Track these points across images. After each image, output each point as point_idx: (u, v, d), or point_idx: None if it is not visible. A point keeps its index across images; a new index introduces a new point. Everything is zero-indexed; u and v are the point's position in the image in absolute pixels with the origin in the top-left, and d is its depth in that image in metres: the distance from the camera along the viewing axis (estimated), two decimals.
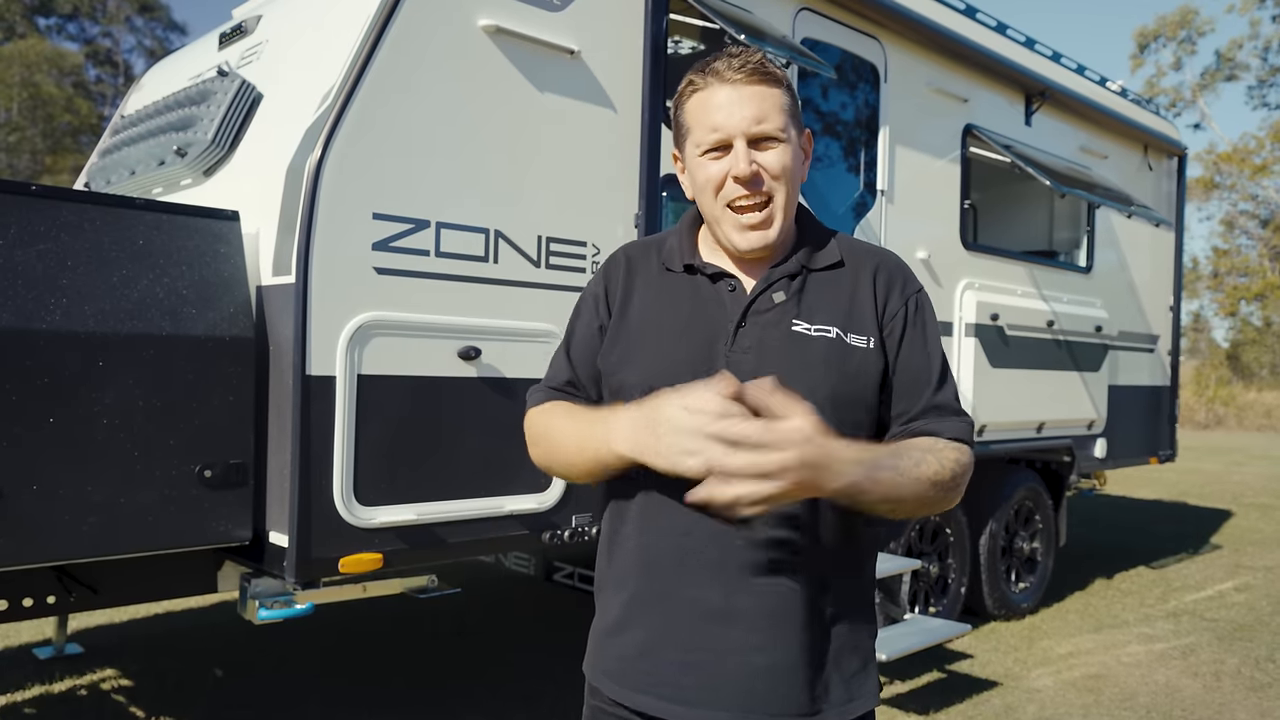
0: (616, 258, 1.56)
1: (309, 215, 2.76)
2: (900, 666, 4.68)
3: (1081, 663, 4.93)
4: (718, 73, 1.40)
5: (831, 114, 4.57)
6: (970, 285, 5.13)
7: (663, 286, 1.49)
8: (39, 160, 26.75)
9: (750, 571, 1.36)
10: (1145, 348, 6.92)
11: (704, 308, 1.45)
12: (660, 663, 1.40)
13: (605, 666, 1.47)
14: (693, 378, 1.33)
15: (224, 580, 3.15)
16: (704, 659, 1.37)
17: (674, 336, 1.43)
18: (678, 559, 1.39)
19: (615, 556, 1.48)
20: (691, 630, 1.38)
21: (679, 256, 1.50)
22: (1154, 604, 6.24)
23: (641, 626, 1.42)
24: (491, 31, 3.16)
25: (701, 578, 1.37)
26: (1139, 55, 35.51)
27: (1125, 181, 6.60)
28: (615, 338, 1.49)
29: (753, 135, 1.39)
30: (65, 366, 2.49)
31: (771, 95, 1.40)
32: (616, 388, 1.47)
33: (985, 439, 5.20)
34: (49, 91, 26.97)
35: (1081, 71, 6.29)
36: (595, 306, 1.54)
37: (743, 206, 1.41)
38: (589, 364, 1.53)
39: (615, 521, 1.49)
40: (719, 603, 1.37)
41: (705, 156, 1.42)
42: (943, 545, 5.25)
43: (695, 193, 1.46)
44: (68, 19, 32.88)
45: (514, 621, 5.31)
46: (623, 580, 1.45)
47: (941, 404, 1.46)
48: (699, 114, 1.42)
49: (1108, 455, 6.28)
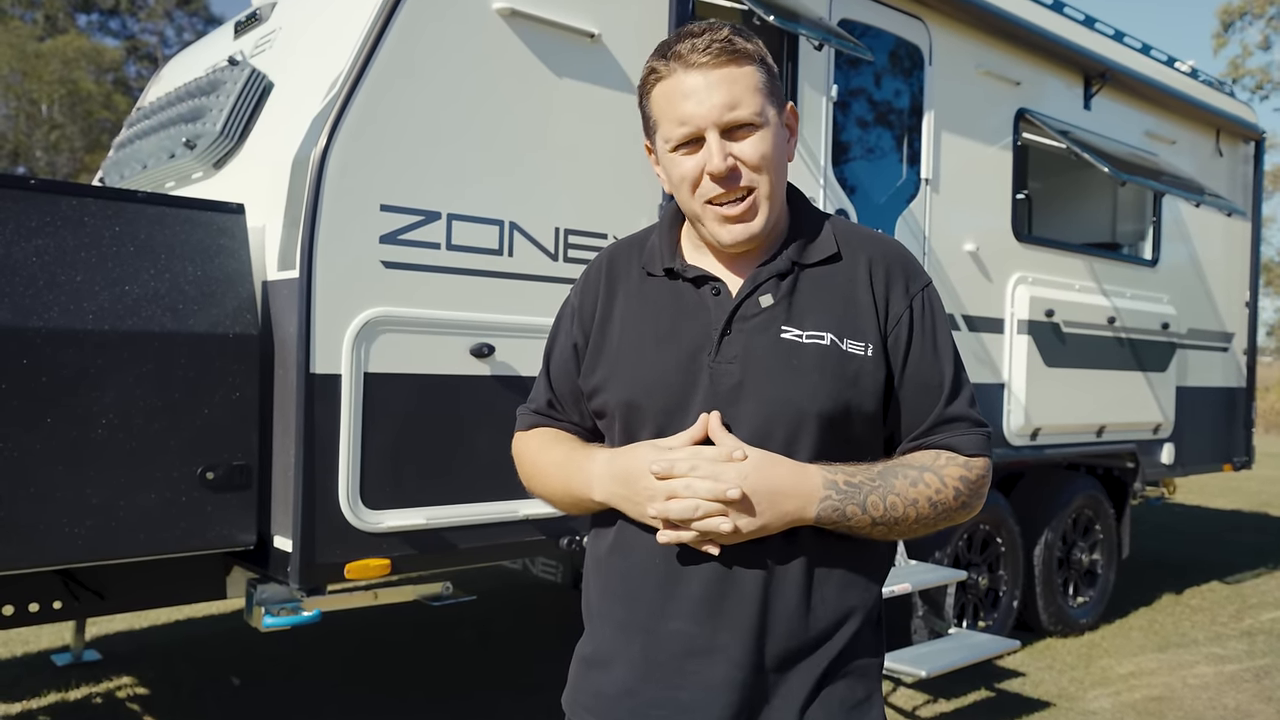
0: (597, 265, 1.52)
1: (313, 208, 2.76)
2: (945, 684, 4.58)
3: (1144, 684, 4.78)
4: (681, 56, 1.32)
5: (872, 99, 4.49)
6: (1023, 280, 5.01)
7: (643, 295, 1.44)
8: (78, 158, 27.48)
9: (734, 604, 1.32)
10: (1218, 346, 6.71)
11: (686, 316, 1.39)
12: (640, 702, 1.36)
13: (584, 702, 1.44)
14: (674, 393, 1.35)
15: (233, 586, 3.18)
16: (682, 698, 1.34)
17: (655, 350, 1.38)
18: (656, 589, 1.36)
19: (597, 582, 1.46)
20: (673, 667, 1.34)
21: (659, 259, 1.44)
22: (1227, 622, 6.04)
23: (622, 661, 1.39)
24: (506, 14, 3.15)
25: (681, 609, 1.34)
26: (1222, 34, 34.52)
27: (1195, 169, 6.41)
28: (595, 356, 1.44)
29: (725, 124, 1.31)
30: (64, 365, 2.52)
31: (743, 76, 1.32)
32: (599, 409, 1.45)
33: (1039, 443, 5.08)
34: (87, 88, 27.70)
35: (1147, 51, 6.12)
36: (570, 323, 1.51)
37: (723, 201, 1.34)
38: (567, 384, 1.51)
39: (597, 547, 1.47)
40: (701, 637, 1.33)
41: (677, 152, 1.34)
42: (993, 555, 5.13)
43: (671, 188, 1.40)
44: (109, 15, 33.78)
45: (538, 630, 5.30)
46: (604, 608, 1.43)
47: (955, 415, 1.40)
48: (664, 106, 1.34)
49: (1176, 461, 6.11)
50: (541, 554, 3.55)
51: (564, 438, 1.51)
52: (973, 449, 1.38)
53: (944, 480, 1.34)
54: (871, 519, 1.30)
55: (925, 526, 1.35)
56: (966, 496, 1.36)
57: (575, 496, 1.43)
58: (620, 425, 1.41)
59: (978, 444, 1.39)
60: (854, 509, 1.29)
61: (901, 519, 1.31)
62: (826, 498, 1.28)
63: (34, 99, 27.53)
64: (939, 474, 1.34)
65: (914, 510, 1.32)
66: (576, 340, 1.48)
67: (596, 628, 1.44)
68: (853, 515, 1.29)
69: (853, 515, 1.29)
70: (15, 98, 27.43)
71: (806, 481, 1.28)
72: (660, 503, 1.28)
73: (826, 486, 1.29)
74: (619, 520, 1.40)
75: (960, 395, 1.40)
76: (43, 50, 27.37)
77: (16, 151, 27.53)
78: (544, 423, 1.55)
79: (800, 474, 1.29)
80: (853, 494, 1.29)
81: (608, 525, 1.43)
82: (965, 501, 1.36)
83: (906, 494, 1.31)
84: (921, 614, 4.50)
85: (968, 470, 1.37)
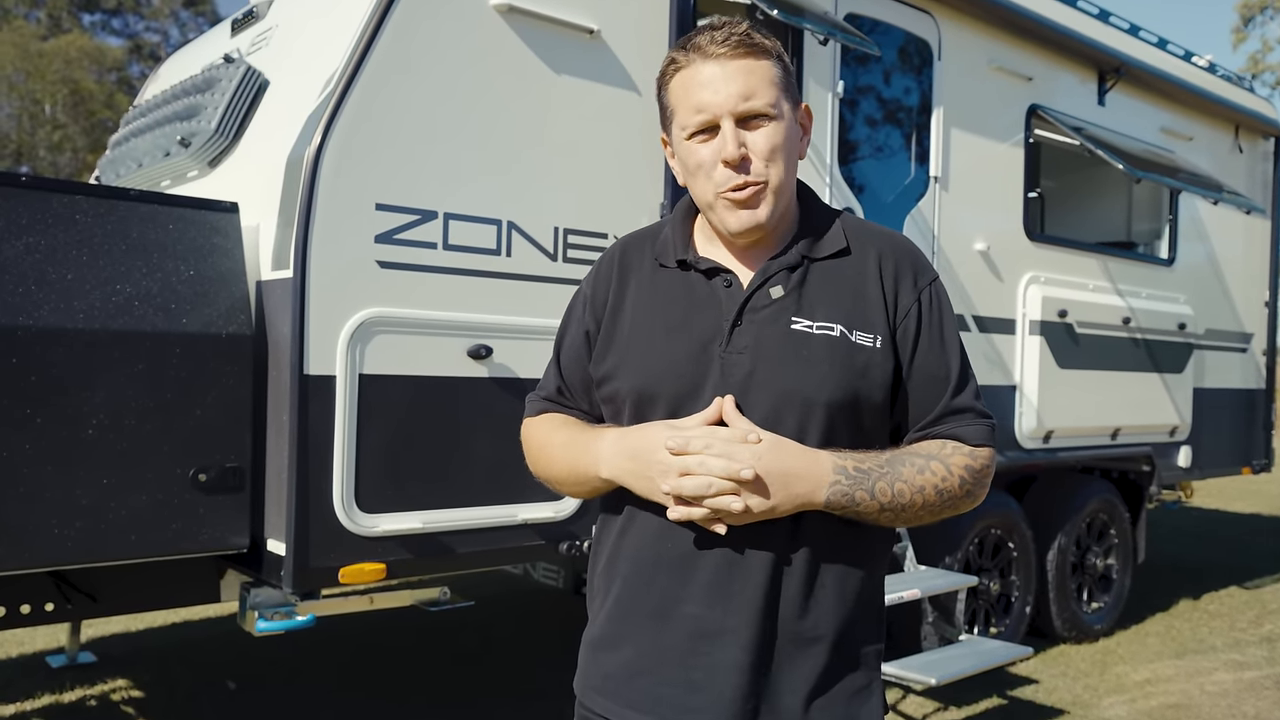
0: (609, 255, 1.56)
1: (308, 207, 2.76)
2: (956, 691, 4.55)
3: (1160, 691, 4.75)
4: (700, 48, 1.38)
5: (880, 96, 4.47)
6: (1035, 279, 4.98)
7: (655, 286, 1.48)
8: (80, 158, 27.64)
9: (742, 587, 1.36)
10: (1236, 347, 6.67)
11: (698, 307, 1.43)
12: (648, 681, 1.40)
13: (594, 684, 1.48)
14: (685, 383, 1.40)
15: (226, 589, 3.18)
16: (694, 678, 1.37)
17: (666, 340, 1.43)
18: (666, 572, 1.40)
19: (605, 565, 1.50)
20: (680, 648, 1.38)
21: (672, 251, 1.48)
22: (1246, 628, 5.99)
23: (630, 642, 1.42)
24: (504, 10, 3.14)
25: (691, 592, 1.38)
26: (1242, 29, 34.31)
27: (1213, 165, 6.36)
28: (606, 345, 1.49)
29: (740, 113, 1.36)
30: (54, 365, 2.53)
31: (759, 68, 1.37)
32: (608, 396, 1.49)
33: (1052, 446, 5.05)
34: (88, 88, 27.86)
35: (1163, 46, 6.08)
36: (583, 311, 1.55)
37: (734, 188, 1.38)
38: (578, 372, 1.55)
39: (605, 530, 1.51)
40: (708, 618, 1.37)
41: (692, 140, 1.40)
42: (1005, 560, 5.10)
43: (685, 178, 1.44)
44: (112, 14, 33.98)
45: (540, 636, 5.29)
46: (611, 591, 1.47)
47: (961, 407, 1.45)
48: (682, 94, 1.40)
49: (1193, 464, 6.07)
50: (542, 559, 3.54)
51: (571, 421, 1.55)
52: (978, 439, 1.43)
53: (950, 469, 1.39)
54: (879, 505, 1.34)
55: (931, 514, 1.40)
56: (971, 485, 1.41)
57: (581, 475, 1.46)
58: (630, 413, 1.44)
59: (983, 434, 1.44)
60: (863, 494, 1.33)
61: (908, 505, 1.36)
62: (836, 482, 1.33)
63: (37, 99, 27.71)
64: (945, 462, 1.39)
65: (920, 497, 1.36)
66: (588, 328, 1.52)
67: (605, 611, 1.47)
68: (861, 500, 1.33)
69: (861, 500, 1.33)
70: (19, 97, 27.61)
71: (817, 466, 1.33)
72: (674, 479, 1.31)
73: (836, 471, 1.33)
74: (626, 505, 1.44)
75: (966, 387, 1.46)
76: (45, 50, 27.55)
77: (20, 151, 27.71)
78: (553, 409, 1.59)
79: (811, 459, 1.33)
80: (862, 480, 1.33)
81: (615, 511, 1.47)
82: (970, 490, 1.41)
83: (914, 481, 1.36)
84: (932, 620, 4.48)
85: (973, 460, 1.41)
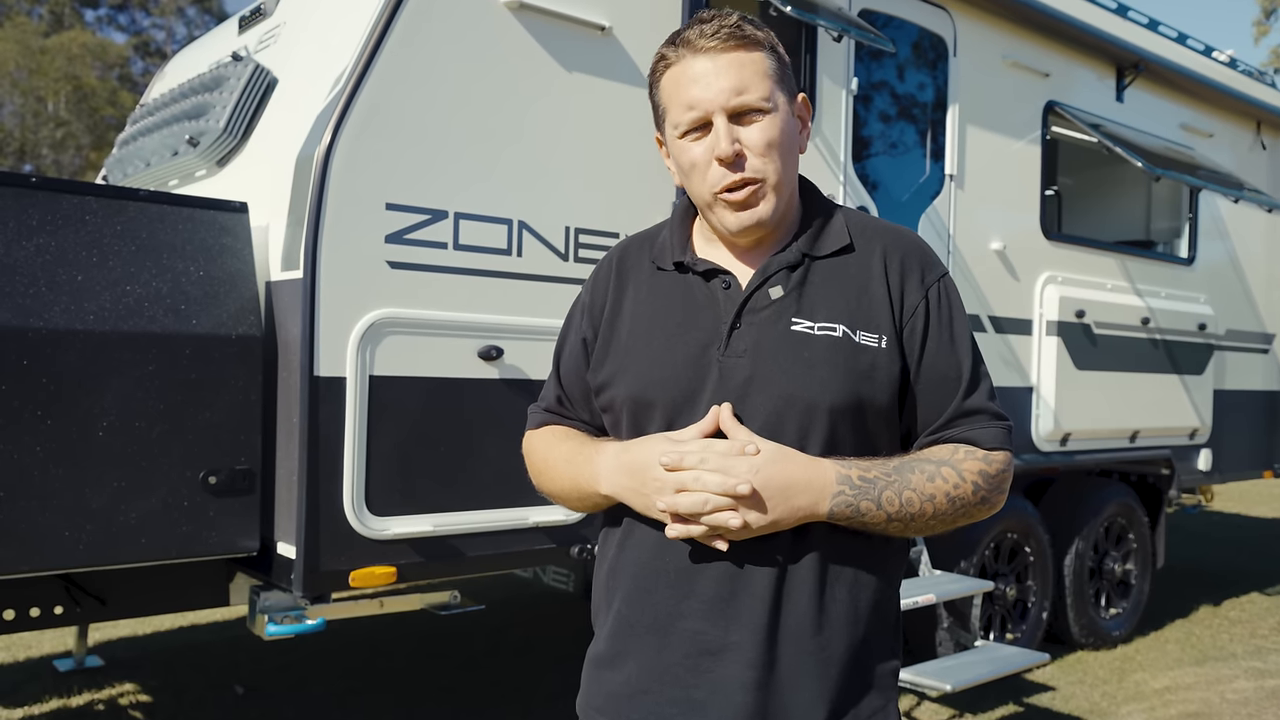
0: (607, 260, 1.55)
1: (317, 207, 2.78)
2: (971, 698, 4.55)
3: (1180, 699, 4.74)
4: (689, 42, 1.35)
5: (894, 93, 4.47)
6: (1052, 279, 4.98)
7: (654, 289, 1.46)
8: (84, 156, 27.78)
9: (745, 602, 1.33)
10: (1258, 348, 6.64)
11: (696, 310, 1.41)
12: (650, 700, 1.37)
13: (596, 704, 1.45)
14: (682, 389, 1.37)
15: (236, 593, 3.20)
16: (696, 697, 1.34)
17: (664, 345, 1.40)
18: (666, 587, 1.37)
19: (606, 579, 1.48)
20: (682, 665, 1.35)
21: (670, 253, 1.46)
22: (1267, 634, 5.97)
23: (632, 659, 1.40)
24: (514, 7, 3.16)
25: (691, 607, 1.35)
26: (1264, 21, 34.12)
27: (1234, 163, 6.34)
28: (603, 352, 1.47)
29: (733, 109, 1.33)
30: (63, 366, 2.55)
31: (752, 61, 1.34)
32: (606, 405, 1.47)
33: (1070, 448, 5.04)
34: (90, 84, 27.99)
35: (1183, 41, 6.06)
36: (581, 319, 1.54)
37: (731, 187, 1.35)
38: (577, 382, 1.53)
39: (606, 543, 1.49)
40: (709, 634, 1.34)
41: (686, 138, 1.37)
42: (1021, 565, 5.10)
43: (681, 178, 1.42)
44: (117, 10, 34.15)
45: (551, 640, 5.31)
46: (612, 606, 1.44)
47: (973, 408, 1.40)
48: (673, 91, 1.37)
49: (1214, 468, 6.05)
50: (552, 562, 3.56)
51: (573, 434, 1.53)
52: (993, 442, 1.38)
53: (963, 475, 1.34)
54: (887, 515, 1.30)
55: (943, 523, 1.35)
56: (986, 491, 1.36)
57: (583, 491, 1.44)
58: (628, 421, 1.42)
59: (998, 437, 1.39)
60: (868, 505, 1.30)
61: (918, 515, 1.32)
62: (840, 493, 1.29)
63: (40, 96, 27.85)
64: (957, 468, 1.34)
65: (931, 506, 1.32)
66: (586, 335, 1.51)
67: (607, 628, 1.45)
68: (867, 511, 1.30)
69: (867, 511, 1.30)
70: (21, 94, 27.76)
71: (820, 476, 1.29)
72: (669, 496, 1.28)
73: (840, 481, 1.29)
74: (627, 519, 1.41)
75: (979, 387, 1.41)
76: (47, 46, 27.69)
77: (23, 149, 27.85)
78: (554, 420, 1.57)
79: (813, 469, 1.29)
80: (867, 489, 1.30)
81: (617, 524, 1.45)
82: (985, 497, 1.36)
83: (923, 489, 1.31)
84: (947, 626, 4.48)
85: (987, 464, 1.37)
